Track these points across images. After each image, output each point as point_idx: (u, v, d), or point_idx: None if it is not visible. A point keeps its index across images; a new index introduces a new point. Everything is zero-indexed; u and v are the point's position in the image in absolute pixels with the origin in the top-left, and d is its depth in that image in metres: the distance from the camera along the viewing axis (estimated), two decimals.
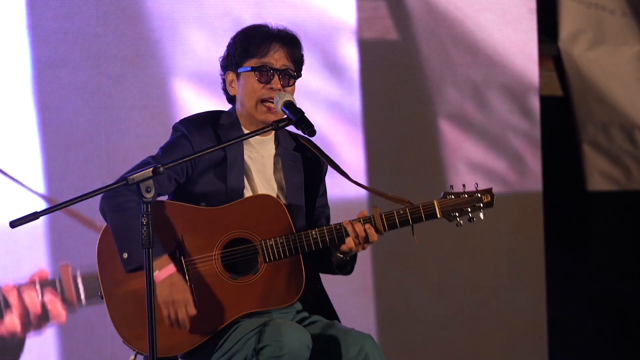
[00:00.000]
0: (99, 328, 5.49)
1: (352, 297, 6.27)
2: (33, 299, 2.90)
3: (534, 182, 6.75)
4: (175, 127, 4.08)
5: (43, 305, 2.89)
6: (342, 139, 6.29)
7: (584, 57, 7.12)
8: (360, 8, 6.35)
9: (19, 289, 2.93)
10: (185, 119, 4.10)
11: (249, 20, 4.21)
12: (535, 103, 6.74)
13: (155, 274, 3.82)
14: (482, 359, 6.67)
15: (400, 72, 6.49)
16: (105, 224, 3.93)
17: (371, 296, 6.40)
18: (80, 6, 5.72)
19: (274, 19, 4.11)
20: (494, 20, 6.63)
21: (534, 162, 6.74)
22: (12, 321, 2.86)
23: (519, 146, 6.71)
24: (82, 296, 2.92)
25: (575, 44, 7.11)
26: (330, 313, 4.11)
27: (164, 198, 4.06)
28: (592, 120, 7.15)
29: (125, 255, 3.77)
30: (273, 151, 4.11)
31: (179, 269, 3.89)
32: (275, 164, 4.11)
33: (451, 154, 6.58)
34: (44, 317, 2.88)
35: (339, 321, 4.10)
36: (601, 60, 7.13)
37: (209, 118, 4.09)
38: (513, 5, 6.66)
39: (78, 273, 2.93)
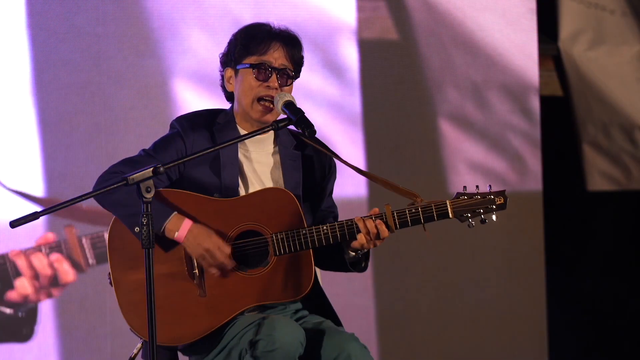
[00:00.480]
0: (99, 328, 5.49)
1: (352, 297, 6.27)
2: (41, 261, 2.92)
3: (534, 182, 6.75)
4: (172, 124, 4.09)
5: (51, 266, 2.91)
6: (342, 139, 6.29)
7: (584, 57, 7.12)
8: (360, 8, 6.36)
9: (26, 253, 2.96)
10: (182, 116, 4.11)
11: (248, 20, 4.21)
12: (535, 103, 6.74)
13: (175, 235, 3.85)
14: (482, 359, 6.67)
15: (400, 72, 6.49)
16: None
17: (371, 296, 6.40)
18: (80, 6, 5.73)
19: (274, 19, 4.11)
20: (494, 20, 6.63)
21: (534, 162, 6.74)
22: (23, 284, 2.89)
23: (519, 146, 6.71)
24: (89, 256, 2.94)
25: (575, 44, 7.11)
26: (328, 313, 4.11)
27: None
28: (592, 120, 7.15)
29: (137, 230, 3.75)
30: (271, 150, 4.11)
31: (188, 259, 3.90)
32: (273, 162, 4.10)
33: (451, 154, 6.58)
34: (53, 280, 2.90)
35: (338, 321, 4.09)
36: (601, 60, 7.13)
37: (206, 117, 4.09)
38: (513, 5, 6.67)
39: (83, 235, 2.94)
